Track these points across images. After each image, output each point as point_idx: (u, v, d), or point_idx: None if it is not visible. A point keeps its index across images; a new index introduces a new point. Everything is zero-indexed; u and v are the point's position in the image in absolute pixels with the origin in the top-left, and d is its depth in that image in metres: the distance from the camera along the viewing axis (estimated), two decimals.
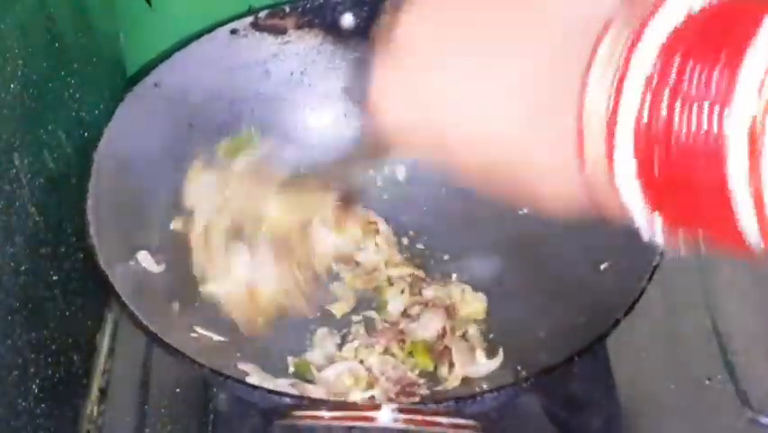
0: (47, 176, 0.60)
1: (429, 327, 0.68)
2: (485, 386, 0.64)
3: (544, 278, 0.67)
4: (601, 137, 0.34)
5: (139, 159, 0.67)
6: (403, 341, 0.67)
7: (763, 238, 0.32)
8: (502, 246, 0.71)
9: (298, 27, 0.74)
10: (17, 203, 0.55)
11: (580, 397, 0.65)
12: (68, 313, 0.64)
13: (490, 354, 0.66)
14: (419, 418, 0.49)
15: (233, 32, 0.73)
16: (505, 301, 0.69)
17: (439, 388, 0.65)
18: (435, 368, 0.66)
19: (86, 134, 0.67)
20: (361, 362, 0.66)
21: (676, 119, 0.32)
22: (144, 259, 0.64)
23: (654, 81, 0.33)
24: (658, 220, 0.36)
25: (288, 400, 0.51)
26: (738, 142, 0.31)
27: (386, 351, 0.67)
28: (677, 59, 0.32)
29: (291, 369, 0.66)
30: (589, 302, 0.62)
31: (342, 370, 0.65)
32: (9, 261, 0.54)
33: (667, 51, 0.33)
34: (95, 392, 0.68)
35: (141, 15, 0.77)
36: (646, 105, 0.33)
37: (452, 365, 0.66)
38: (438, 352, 0.67)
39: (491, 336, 0.68)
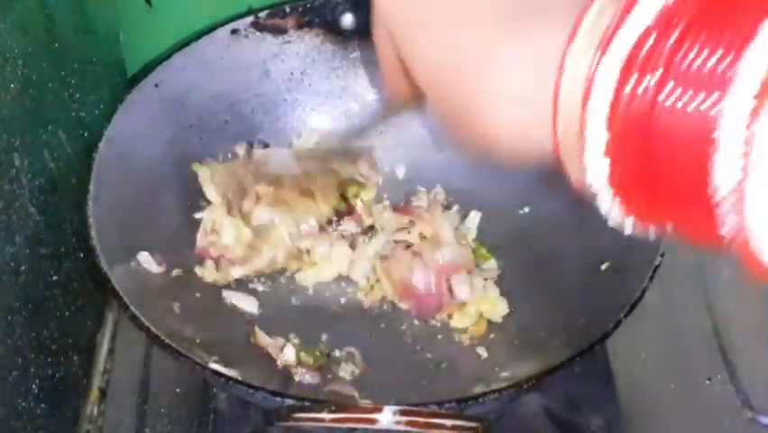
0: (47, 176, 0.60)
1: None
2: (485, 387, 0.64)
3: (545, 278, 0.67)
4: (575, 111, 0.32)
5: (139, 159, 0.67)
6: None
7: (738, 237, 0.29)
8: (502, 246, 0.71)
9: (299, 27, 0.74)
10: (17, 203, 0.55)
11: (580, 397, 0.65)
12: (68, 313, 0.63)
13: None
14: (421, 419, 0.49)
15: (234, 31, 0.72)
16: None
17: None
18: None
19: (86, 134, 0.67)
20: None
21: (659, 103, 0.30)
22: (145, 260, 0.64)
23: (639, 60, 0.30)
24: (621, 207, 0.34)
25: (288, 401, 0.51)
26: (730, 137, 0.28)
27: None
28: (669, 38, 0.30)
29: None
30: (590, 302, 0.62)
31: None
32: (9, 261, 0.54)
33: (656, 29, 0.30)
34: (95, 392, 0.68)
35: (141, 15, 0.77)
36: (628, 84, 0.30)
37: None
38: None
39: (492, 336, 0.68)
